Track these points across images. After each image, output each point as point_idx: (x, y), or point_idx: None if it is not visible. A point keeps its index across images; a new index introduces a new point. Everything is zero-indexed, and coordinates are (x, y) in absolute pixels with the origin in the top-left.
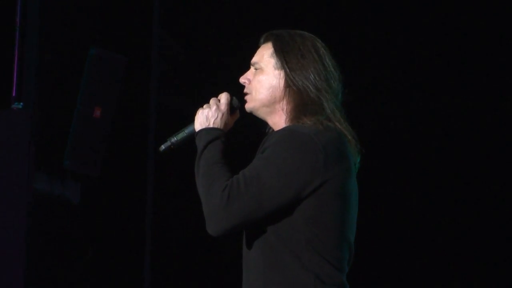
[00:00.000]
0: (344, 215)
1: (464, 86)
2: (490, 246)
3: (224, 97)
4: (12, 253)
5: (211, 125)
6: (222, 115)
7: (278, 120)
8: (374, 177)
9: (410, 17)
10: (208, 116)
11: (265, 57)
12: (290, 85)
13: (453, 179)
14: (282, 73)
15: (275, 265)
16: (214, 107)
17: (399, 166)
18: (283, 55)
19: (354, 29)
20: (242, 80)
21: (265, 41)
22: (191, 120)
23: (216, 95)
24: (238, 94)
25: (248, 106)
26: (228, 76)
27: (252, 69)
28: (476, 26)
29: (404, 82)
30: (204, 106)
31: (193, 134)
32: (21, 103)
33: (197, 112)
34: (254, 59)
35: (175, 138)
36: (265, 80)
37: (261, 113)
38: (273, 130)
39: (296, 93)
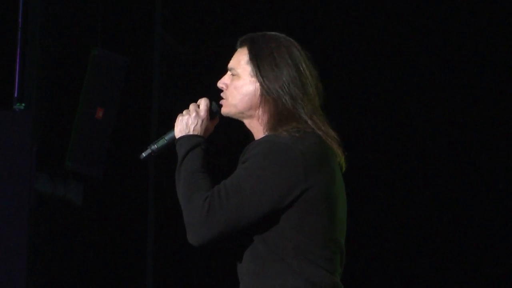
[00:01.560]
0: (331, 218)
1: (460, 86)
2: (488, 249)
3: (203, 103)
4: (14, 254)
5: (191, 132)
6: (202, 121)
7: (255, 125)
8: (368, 177)
9: (406, 17)
10: (188, 123)
11: (241, 63)
12: (264, 93)
13: (448, 179)
14: (257, 82)
15: (265, 273)
16: (193, 114)
17: (394, 166)
18: (257, 64)
19: (352, 29)
20: (219, 84)
21: (241, 45)
22: (171, 127)
23: (218, 96)
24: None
25: (224, 112)
26: None
27: (229, 73)
28: (470, 26)
29: (398, 82)
30: (184, 112)
31: (174, 141)
32: (23, 104)
33: (177, 118)
34: (231, 64)
35: (156, 146)
36: (241, 86)
37: (237, 118)
38: (251, 133)
39: (270, 102)
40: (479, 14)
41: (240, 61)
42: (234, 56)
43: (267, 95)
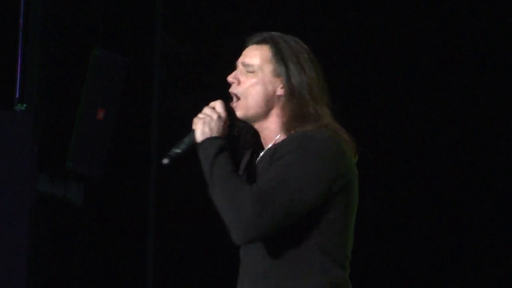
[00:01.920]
0: (352, 217)
1: (460, 86)
2: (488, 248)
3: (219, 105)
4: (14, 254)
5: (214, 134)
6: (223, 123)
7: (269, 125)
8: (368, 177)
9: (404, 17)
10: (211, 126)
11: (260, 61)
12: (288, 93)
13: (448, 179)
14: (280, 81)
15: (288, 273)
16: (215, 116)
17: (394, 166)
18: (283, 63)
19: (352, 29)
20: (230, 79)
21: (260, 43)
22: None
23: (218, 97)
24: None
25: (241, 113)
26: None
27: (242, 69)
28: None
29: (399, 82)
30: (201, 115)
31: (194, 144)
32: (24, 105)
33: (196, 121)
34: (247, 60)
35: (178, 150)
36: (258, 84)
37: (252, 120)
38: (260, 135)
39: (293, 103)
40: (479, 14)
41: (259, 58)
42: (248, 52)
43: (290, 96)
